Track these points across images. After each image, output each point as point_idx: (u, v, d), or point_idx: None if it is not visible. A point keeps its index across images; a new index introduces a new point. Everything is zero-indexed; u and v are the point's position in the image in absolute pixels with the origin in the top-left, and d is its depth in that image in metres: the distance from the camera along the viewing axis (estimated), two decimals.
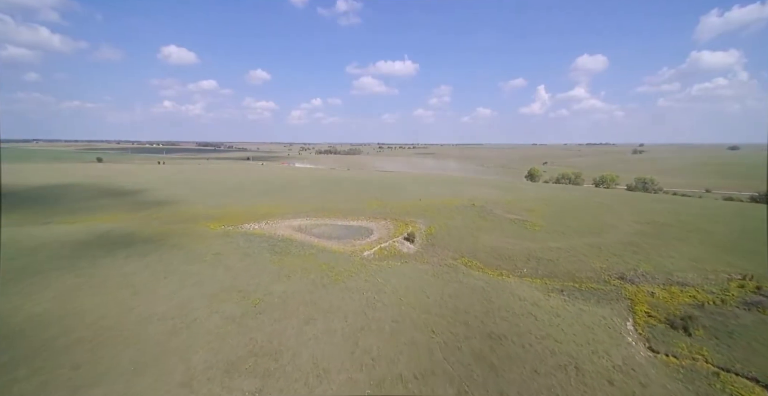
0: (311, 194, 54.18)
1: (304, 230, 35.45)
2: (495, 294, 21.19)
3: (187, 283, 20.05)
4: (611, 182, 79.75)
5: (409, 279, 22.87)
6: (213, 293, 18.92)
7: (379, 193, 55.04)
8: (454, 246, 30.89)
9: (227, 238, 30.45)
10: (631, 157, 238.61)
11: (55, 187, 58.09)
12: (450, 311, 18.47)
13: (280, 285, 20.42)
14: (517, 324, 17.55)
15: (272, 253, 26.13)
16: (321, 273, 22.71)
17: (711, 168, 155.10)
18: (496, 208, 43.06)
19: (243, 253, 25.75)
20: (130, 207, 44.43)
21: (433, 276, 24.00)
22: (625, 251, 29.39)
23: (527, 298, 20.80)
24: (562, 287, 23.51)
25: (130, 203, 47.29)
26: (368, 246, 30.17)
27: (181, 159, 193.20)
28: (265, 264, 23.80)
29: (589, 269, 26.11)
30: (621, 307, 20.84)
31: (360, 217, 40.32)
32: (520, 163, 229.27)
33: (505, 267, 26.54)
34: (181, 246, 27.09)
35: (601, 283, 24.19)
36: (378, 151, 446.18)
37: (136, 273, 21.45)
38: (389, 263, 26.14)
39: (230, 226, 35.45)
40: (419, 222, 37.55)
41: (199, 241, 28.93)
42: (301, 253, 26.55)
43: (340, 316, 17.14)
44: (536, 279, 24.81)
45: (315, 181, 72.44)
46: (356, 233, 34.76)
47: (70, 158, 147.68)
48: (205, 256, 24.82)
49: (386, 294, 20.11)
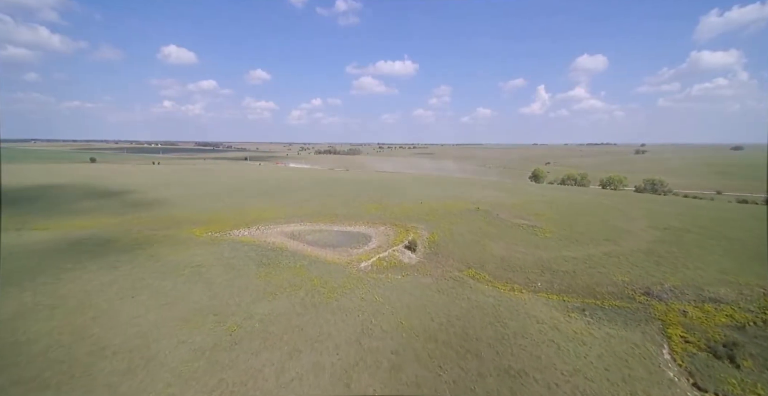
0: (307, 197, 51.63)
1: (298, 237, 32.89)
2: (509, 315, 18.64)
3: (156, 304, 17.48)
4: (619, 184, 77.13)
5: (411, 296, 20.32)
6: (184, 317, 16.36)
7: (379, 195, 52.48)
8: (459, 255, 28.34)
9: (212, 246, 27.89)
10: (633, 158, 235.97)
11: (39, 189, 55.47)
12: (459, 338, 15.93)
13: (263, 305, 17.85)
14: (538, 355, 15.00)
15: (259, 266, 23.56)
16: (312, 289, 20.16)
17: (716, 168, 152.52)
18: (502, 212, 40.51)
19: (226, 266, 23.18)
20: (114, 210, 41.87)
21: (438, 292, 21.45)
22: (647, 262, 26.84)
23: (546, 320, 18.26)
24: (582, 305, 20.97)
25: (115, 205, 44.72)
26: (366, 255, 27.60)
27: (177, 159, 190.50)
28: (250, 279, 21.23)
29: (611, 283, 23.56)
30: (653, 331, 18.30)
31: (358, 221, 37.77)
32: (521, 163, 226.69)
33: (517, 280, 23.98)
34: (158, 257, 24.51)
35: (626, 300, 21.65)
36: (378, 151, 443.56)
37: (102, 290, 18.89)
38: (388, 276, 23.58)
39: (217, 233, 32.90)
40: (421, 228, 35.00)
41: (180, 250, 26.36)
42: (291, 265, 23.98)
43: (331, 347, 14.59)
44: (552, 295, 22.26)
45: (312, 182, 69.88)
46: (353, 240, 32.20)
47: (63, 158, 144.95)
48: (183, 269, 22.25)
49: (385, 316, 17.56)
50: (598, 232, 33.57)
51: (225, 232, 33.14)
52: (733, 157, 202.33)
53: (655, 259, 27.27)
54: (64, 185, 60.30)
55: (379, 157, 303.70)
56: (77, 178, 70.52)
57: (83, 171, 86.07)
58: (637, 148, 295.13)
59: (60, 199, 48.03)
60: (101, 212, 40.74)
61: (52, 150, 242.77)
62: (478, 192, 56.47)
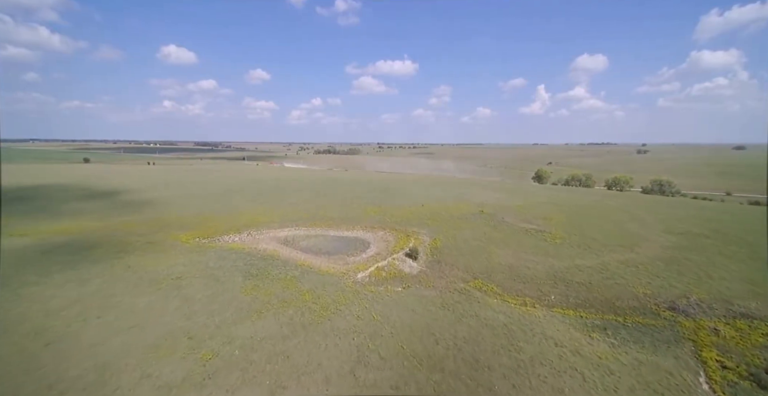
0: (304, 199, 49.51)
1: (291, 243, 30.81)
2: (523, 336, 16.58)
3: (123, 326, 15.39)
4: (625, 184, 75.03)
5: (413, 313, 18.25)
6: (154, 342, 14.27)
7: (378, 197, 50.38)
8: (464, 264, 26.28)
9: (197, 254, 25.80)
10: (635, 157, 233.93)
11: (25, 190, 53.30)
12: (468, 367, 13.85)
13: (246, 327, 15.78)
14: (561, 388, 12.95)
15: (246, 277, 21.47)
16: (303, 306, 18.08)
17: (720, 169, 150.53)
18: (508, 216, 38.43)
19: (210, 278, 21.08)
20: (100, 213, 39.74)
21: (442, 307, 19.38)
22: (668, 271, 24.78)
23: (565, 343, 16.20)
24: (603, 322, 18.91)
25: (102, 208, 42.60)
26: (363, 265, 25.51)
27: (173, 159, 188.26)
28: (235, 293, 19.15)
29: (631, 296, 21.51)
30: (685, 354, 16.24)
31: (355, 226, 35.69)
32: (522, 163, 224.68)
33: (529, 293, 21.91)
34: (136, 267, 22.42)
35: (650, 316, 19.60)
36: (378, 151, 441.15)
37: (65, 309, 16.80)
38: (388, 289, 21.51)
39: (206, 238, 30.81)
40: (422, 233, 32.93)
41: (162, 259, 24.27)
42: (281, 277, 21.89)
43: (320, 380, 12.52)
44: (568, 310, 20.19)
45: (309, 183, 67.74)
46: (350, 246, 30.13)
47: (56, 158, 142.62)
48: (161, 282, 20.15)
49: (384, 339, 15.48)
50: (611, 238, 31.50)
51: (214, 238, 31.05)
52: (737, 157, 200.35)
53: (676, 268, 25.22)
54: (52, 186, 58.15)
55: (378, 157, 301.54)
56: (67, 178, 68.37)
57: (75, 171, 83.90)
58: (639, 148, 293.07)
59: (45, 201, 45.89)
60: (86, 215, 38.64)
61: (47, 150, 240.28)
62: (480, 193, 54.39)
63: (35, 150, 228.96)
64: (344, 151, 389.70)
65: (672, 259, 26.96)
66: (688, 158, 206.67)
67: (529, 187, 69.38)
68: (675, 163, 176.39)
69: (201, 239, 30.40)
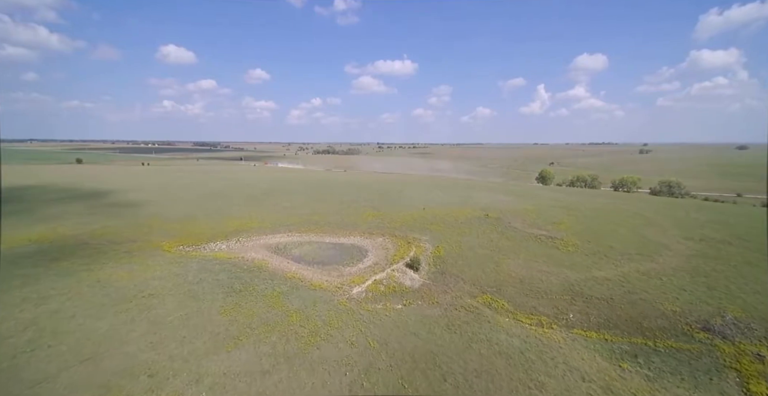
0: (299, 202, 47.18)
1: (282, 251, 28.52)
2: (543, 367, 14.28)
3: (76, 358, 13.09)
4: (632, 185, 72.63)
5: (415, 338, 15.95)
6: (106, 382, 11.96)
7: (377, 200, 48.06)
8: (470, 275, 23.99)
9: (177, 265, 23.49)
10: (638, 157, 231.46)
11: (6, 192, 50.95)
12: None
13: (220, 359, 13.46)
14: None
15: (228, 294, 19.17)
16: (288, 330, 15.78)
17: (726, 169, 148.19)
18: (515, 221, 36.12)
19: (186, 294, 18.78)
20: (79, 217, 37.35)
21: (449, 329, 17.08)
22: (695, 284, 22.51)
23: (593, 376, 13.90)
24: (631, 348, 16.62)
25: (82, 211, 40.24)
26: (359, 277, 23.22)
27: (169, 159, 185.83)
28: (212, 314, 16.85)
29: (659, 314, 19.22)
30: (731, 388, 13.94)
31: (353, 231, 33.41)
32: (524, 163, 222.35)
33: (544, 311, 19.62)
34: (107, 281, 20.11)
35: (683, 339, 17.31)
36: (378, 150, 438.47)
37: (15, 334, 14.48)
38: (386, 306, 19.22)
39: (190, 246, 28.55)
40: (424, 239, 30.66)
41: (136, 271, 21.95)
42: (267, 293, 19.59)
43: None
44: (590, 331, 17.91)
45: (306, 185, 65.41)
46: (346, 255, 27.85)
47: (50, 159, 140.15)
48: (131, 300, 17.85)
49: (381, 373, 13.18)
50: (628, 245, 29.21)
51: (199, 246, 28.78)
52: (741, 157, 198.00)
53: (704, 281, 22.94)
54: (37, 188, 55.80)
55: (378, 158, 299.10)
56: (55, 180, 66.00)
57: (65, 172, 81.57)
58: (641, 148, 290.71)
59: (26, 204, 43.56)
60: (65, 220, 36.27)
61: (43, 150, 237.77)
62: (484, 196, 52.07)
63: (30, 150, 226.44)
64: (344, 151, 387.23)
65: (697, 269, 24.70)
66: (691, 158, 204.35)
67: (534, 190, 67.04)
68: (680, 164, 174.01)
69: (185, 247, 28.12)
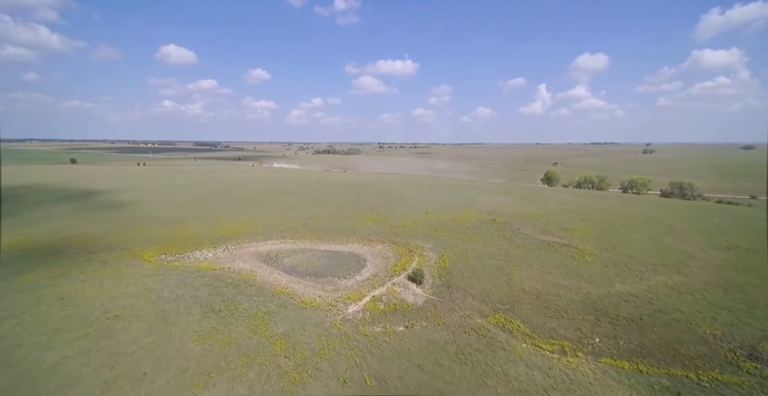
0: (296, 204, 44.82)
1: (273, 260, 26.16)
2: None
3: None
4: (642, 187, 70.01)
5: (420, 372, 13.57)
6: None
7: (377, 202, 45.67)
8: (479, 290, 21.59)
9: (154, 278, 21.16)
10: (641, 157, 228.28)
11: None
12: None
13: None
14: None
15: (205, 314, 16.81)
16: (270, 362, 13.41)
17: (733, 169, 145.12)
18: (525, 226, 33.69)
19: (157, 316, 16.43)
20: (61, 221, 35.08)
21: (458, 360, 14.69)
22: (730, 300, 20.08)
23: None
24: (671, 382, 14.22)
25: (66, 214, 38.05)
26: (356, 292, 20.83)
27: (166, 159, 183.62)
28: (183, 342, 14.49)
29: (697, 338, 16.80)
30: None
31: (350, 238, 31.06)
32: (527, 163, 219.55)
33: (566, 334, 17.21)
34: (70, 299, 17.78)
35: (728, 370, 14.90)
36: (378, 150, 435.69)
37: None
38: (386, 329, 16.84)
39: (173, 255, 26.24)
40: (427, 247, 28.27)
41: (107, 286, 19.63)
42: (250, 312, 17.23)
43: None
44: (621, 360, 15.49)
45: (304, 187, 63.04)
46: (343, 265, 25.48)
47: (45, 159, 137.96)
48: (92, 323, 15.52)
49: None
50: (650, 255, 26.77)
51: (182, 254, 26.47)
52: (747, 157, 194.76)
53: (740, 297, 20.50)
54: (25, 188, 53.60)
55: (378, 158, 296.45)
56: (45, 180, 63.80)
57: (57, 173, 79.38)
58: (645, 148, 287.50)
59: (11, 205, 41.28)
60: (45, 223, 34.05)
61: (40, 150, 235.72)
62: (489, 198, 49.61)
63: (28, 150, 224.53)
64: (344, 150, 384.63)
65: (730, 283, 22.25)
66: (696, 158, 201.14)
67: (541, 191, 64.57)
68: (685, 164, 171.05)
69: (167, 256, 25.80)
